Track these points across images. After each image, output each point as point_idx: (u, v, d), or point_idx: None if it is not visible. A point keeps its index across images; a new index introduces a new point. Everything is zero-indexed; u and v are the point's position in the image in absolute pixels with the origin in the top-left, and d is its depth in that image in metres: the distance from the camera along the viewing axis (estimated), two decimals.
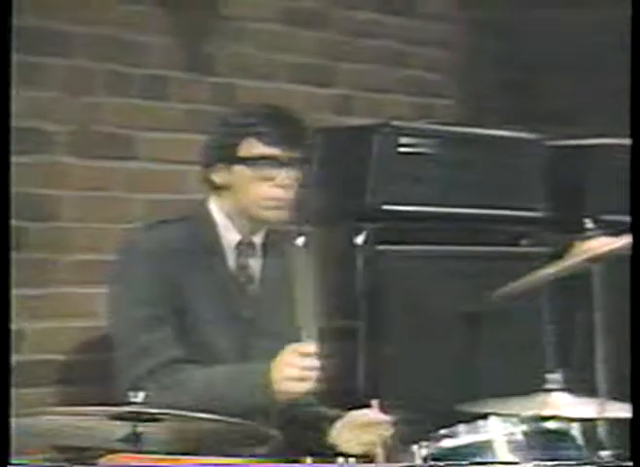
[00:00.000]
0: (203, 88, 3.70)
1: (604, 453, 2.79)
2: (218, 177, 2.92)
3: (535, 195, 3.99)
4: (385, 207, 3.58)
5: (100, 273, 3.13)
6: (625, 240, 2.87)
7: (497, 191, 3.85)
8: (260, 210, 2.89)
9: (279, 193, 2.88)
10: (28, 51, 3.19)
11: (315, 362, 2.71)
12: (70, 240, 3.40)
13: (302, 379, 2.72)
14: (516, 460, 2.73)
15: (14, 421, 2.43)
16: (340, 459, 2.70)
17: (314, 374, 2.73)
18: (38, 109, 3.32)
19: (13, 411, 1.39)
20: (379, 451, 2.78)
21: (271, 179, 2.87)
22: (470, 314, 3.66)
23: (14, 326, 2.97)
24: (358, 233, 3.56)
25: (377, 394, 2.98)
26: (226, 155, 2.90)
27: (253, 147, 2.87)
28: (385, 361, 3.52)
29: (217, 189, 2.93)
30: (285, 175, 2.89)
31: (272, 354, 2.74)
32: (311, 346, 2.72)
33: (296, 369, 2.71)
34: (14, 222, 2.92)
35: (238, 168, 2.87)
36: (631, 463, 2.04)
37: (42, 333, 3.31)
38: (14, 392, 2.72)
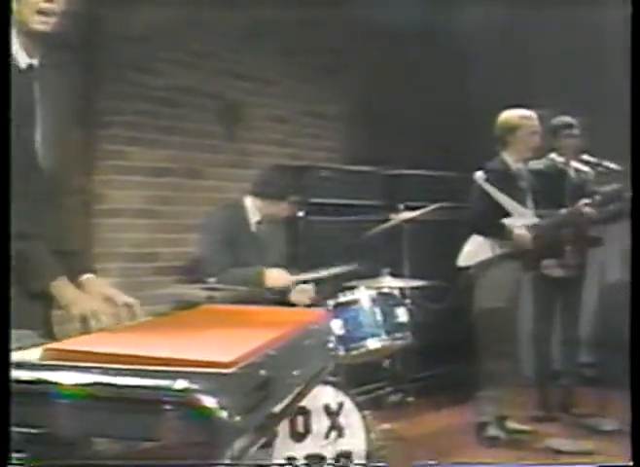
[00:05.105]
0: (236, 149, 5.77)
1: (407, 300, 4.21)
2: (259, 202, 4.34)
3: (377, 194, 5.86)
4: (312, 200, 5.45)
5: (193, 229, 4.84)
6: (417, 212, 4.49)
7: (361, 193, 5.78)
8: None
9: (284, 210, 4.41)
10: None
11: (286, 278, 4.17)
12: (182, 215, 5.39)
13: (277, 280, 4.20)
14: (371, 306, 3.88)
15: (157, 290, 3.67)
16: (294, 307, 3.97)
17: (283, 279, 4.18)
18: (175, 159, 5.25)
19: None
20: (309, 302, 4.19)
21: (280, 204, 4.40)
22: (356, 244, 4.98)
23: None
24: (300, 211, 5.22)
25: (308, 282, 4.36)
26: (266, 195, 4.36)
27: (271, 204, 4.36)
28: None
29: (252, 195, 4.32)
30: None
31: (267, 265, 4.19)
32: (280, 271, 4.14)
33: (275, 277, 4.17)
34: None
35: (265, 202, 4.37)
36: (631, 463, 1.89)
37: (174, 255, 5.30)
38: None
